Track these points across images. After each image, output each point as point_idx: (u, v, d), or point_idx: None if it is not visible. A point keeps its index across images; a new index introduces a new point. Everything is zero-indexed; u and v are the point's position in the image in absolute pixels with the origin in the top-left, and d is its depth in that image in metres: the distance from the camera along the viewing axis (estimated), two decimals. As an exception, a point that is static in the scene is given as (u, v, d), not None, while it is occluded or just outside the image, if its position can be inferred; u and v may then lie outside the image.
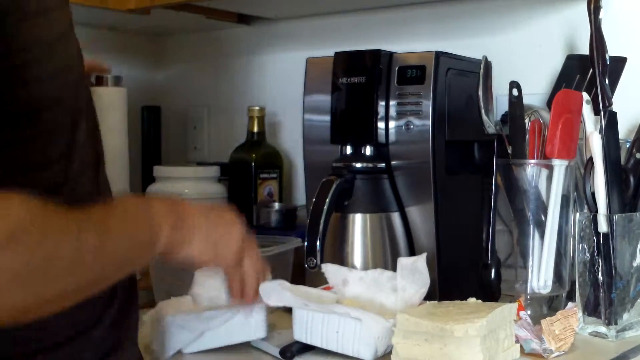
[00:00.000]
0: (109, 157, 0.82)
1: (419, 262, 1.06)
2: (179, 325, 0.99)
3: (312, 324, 0.97)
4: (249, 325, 1.01)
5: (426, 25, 1.56)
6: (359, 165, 1.23)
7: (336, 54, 1.28)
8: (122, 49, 1.91)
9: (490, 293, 1.10)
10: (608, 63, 1.16)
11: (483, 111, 1.12)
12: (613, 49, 1.18)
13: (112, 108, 1.42)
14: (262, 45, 1.82)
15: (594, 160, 1.10)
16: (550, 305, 1.16)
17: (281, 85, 1.76)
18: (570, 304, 1.04)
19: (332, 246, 1.20)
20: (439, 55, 1.22)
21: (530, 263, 1.14)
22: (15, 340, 0.69)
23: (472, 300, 0.99)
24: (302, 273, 1.21)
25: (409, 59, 1.24)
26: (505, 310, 0.94)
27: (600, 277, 1.09)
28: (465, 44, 1.43)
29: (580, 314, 1.09)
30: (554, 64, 1.35)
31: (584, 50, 1.19)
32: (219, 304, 1.05)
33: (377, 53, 1.24)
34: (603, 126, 1.12)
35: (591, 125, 1.13)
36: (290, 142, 1.71)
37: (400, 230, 1.24)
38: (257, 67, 1.83)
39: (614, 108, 1.14)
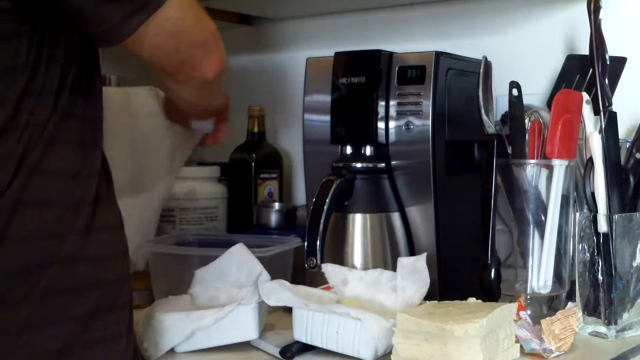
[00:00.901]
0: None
1: (419, 262, 1.07)
2: (169, 324, 0.98)
3: (312, 323, 0.97)
4: (240, 326, 1.01)
5: (426, 25, 1.56)
6: (359, 165, 1.23)
7: (336, 54, 1.28)
8: (124, 49, 1.90)
9: (490, 293, 1.09)
10: (608, 63, 1.16)
11: (483, 111, 1.12)
12: (613, 49, 1.18)
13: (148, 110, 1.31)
14: (262, 45, 1.82)
15: (594, 160, 1.10)
16: (550, 305, 1.16)
17: (281, 85, 1.75)
18: (570, 304, 1.05)
19: (332, 246, 1.20)
20: (439, 55, 1.22)
21: (530, 263, 1.14)
22: None
23: (472, 300, 0.99)
24: (302, 273, 1.21)
25: (409, 59, 1.24)
26: (505, 310, 0.94)
27: (600, 277, 1.09)
28: (465, 44, 1.43)
29: (580, 313, 1.09)
30: (554, 64, 1.35)
31: (584, 50, 1.19)
32: (217, 304, 1.05)
33: (377, 53, 1.24)
34: (603, 126, 1.12)
35: (591, 125, 1.13)
36: (290, 142, 1.71)
37: (400, 230, 1.24)
38: (257, 67, 1.83)
39: (614, 108, 1.14)
